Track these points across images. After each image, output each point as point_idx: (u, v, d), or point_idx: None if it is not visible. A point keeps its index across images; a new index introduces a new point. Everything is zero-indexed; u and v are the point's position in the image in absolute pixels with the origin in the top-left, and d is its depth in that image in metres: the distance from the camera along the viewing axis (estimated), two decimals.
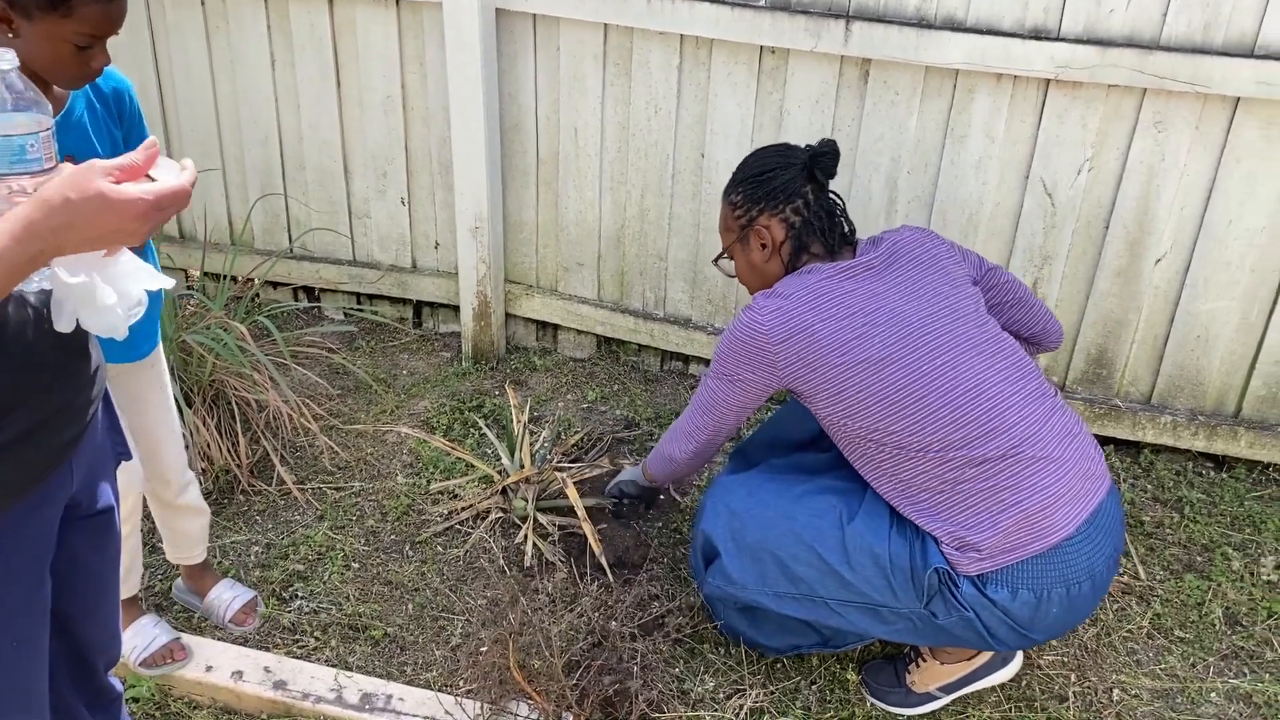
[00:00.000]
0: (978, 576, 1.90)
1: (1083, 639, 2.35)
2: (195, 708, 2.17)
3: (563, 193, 3.13)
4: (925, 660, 2.16)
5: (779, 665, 2.27)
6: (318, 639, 2.32)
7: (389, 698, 2.15)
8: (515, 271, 3.32)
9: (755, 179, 2.10)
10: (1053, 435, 1.95)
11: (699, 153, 2.92)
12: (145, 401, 2.00)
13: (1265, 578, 2.51)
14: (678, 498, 2.74)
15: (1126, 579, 2.51)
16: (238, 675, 2.18)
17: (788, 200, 2.06)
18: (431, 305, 3.50)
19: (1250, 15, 2.37)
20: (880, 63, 2.63)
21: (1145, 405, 2.84)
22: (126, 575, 2.04)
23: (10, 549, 1.32)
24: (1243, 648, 2.34)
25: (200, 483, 2.39)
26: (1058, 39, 2.47)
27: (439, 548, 2.58)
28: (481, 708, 2.11)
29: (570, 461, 2.82)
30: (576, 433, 2.96)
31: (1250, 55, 2.38)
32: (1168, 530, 2.66)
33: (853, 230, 2.12)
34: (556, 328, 3.39)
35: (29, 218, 1.03)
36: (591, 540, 2.47)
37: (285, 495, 2.73)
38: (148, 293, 1.19)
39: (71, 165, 1.10)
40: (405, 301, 3.51)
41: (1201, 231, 2.60)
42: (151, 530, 2.53)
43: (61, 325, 1.17)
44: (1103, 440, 2.85)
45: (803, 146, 2.12)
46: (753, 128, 2.82)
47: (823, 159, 2.07)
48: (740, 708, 2.16)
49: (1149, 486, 2.81)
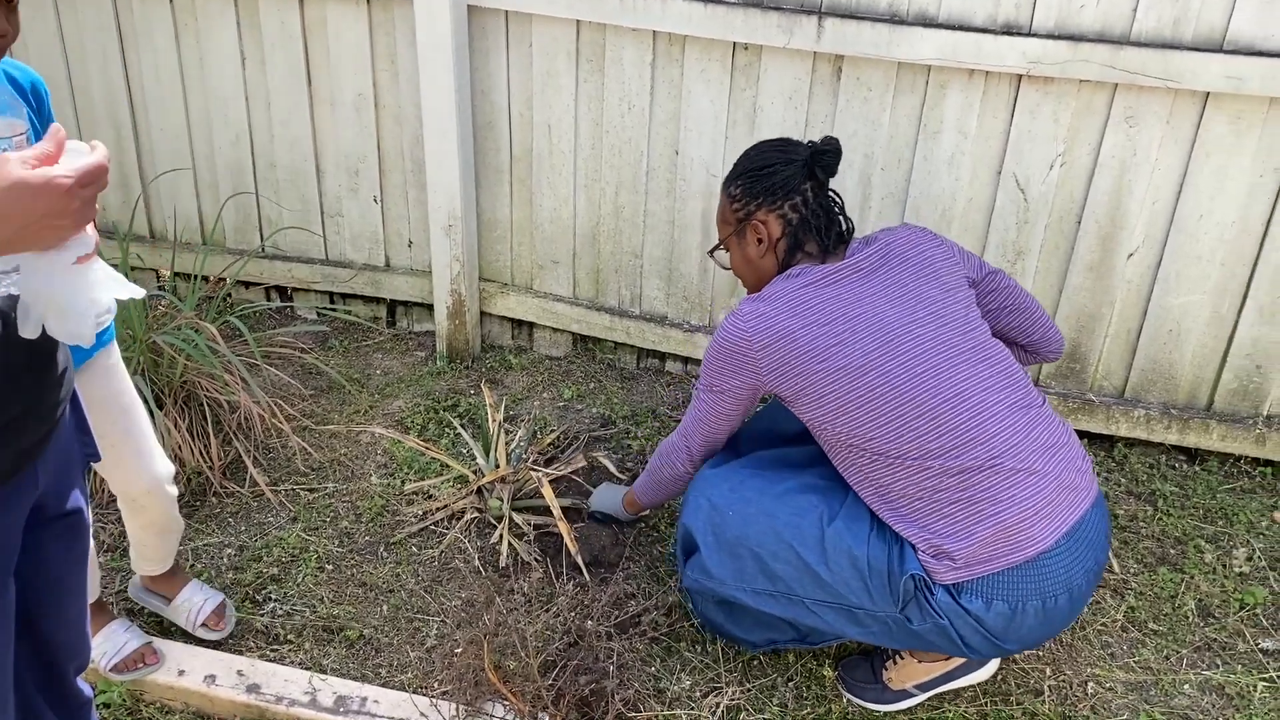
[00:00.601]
0: (953, 585, 1.89)
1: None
2: (168, 713, 2.15)
3: (537, 190, 3.12)
4: (903, 658, 2.16)
5: (755, 662, 2.27)
6: (292, 642, 2.30)
7: (364, 700, 2.14)
8: (490, 270, 3.30)
9: (755, 173, 2.08)
10: (1035, 447, 1.93)
11: (673, 149, 2.91)
12: (100, 403, 1.91)
13: (1237, 570, 2.53)
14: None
15: None
16: (211, 679, 2.16)
17: (786, 197, 2.05)
18: (405, 304, 3.47)
19: (1219, 10, 2.38)
20: (853, 59, 2.64)
21: (1118, 399, 2.86)
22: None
23: None
24: (1215, 639, 2.36)
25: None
26: (1029, 34, 2.48)
27: (414, 549, 2.57)
28: (457, 709, 2.10)
29: (546, 460, 2.81)
30: (552, 431, 2.95)
31: (1219, 50, 2.40)
32: (1141, 524, 2.67)
33: (851, 230, 2.11)
34: (532, 326, 3.37)
35: None
36: (567, 539, 2.47)
37: (258, 497, 2.70)
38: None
39: None
40: (379, 300, 3.48)
41: (1173, 226, 2.61)
42: (121, 534, 2.51)
43: (27, 331, 1.15)
44: (1077, 435, 2.86)
45: (805, 143, 2.11)
46: (726, 124, 2.82)
47: (824, 157, 2.05)
48: (717, 706, 2.15)
49: (1123, 480, 2.82)
